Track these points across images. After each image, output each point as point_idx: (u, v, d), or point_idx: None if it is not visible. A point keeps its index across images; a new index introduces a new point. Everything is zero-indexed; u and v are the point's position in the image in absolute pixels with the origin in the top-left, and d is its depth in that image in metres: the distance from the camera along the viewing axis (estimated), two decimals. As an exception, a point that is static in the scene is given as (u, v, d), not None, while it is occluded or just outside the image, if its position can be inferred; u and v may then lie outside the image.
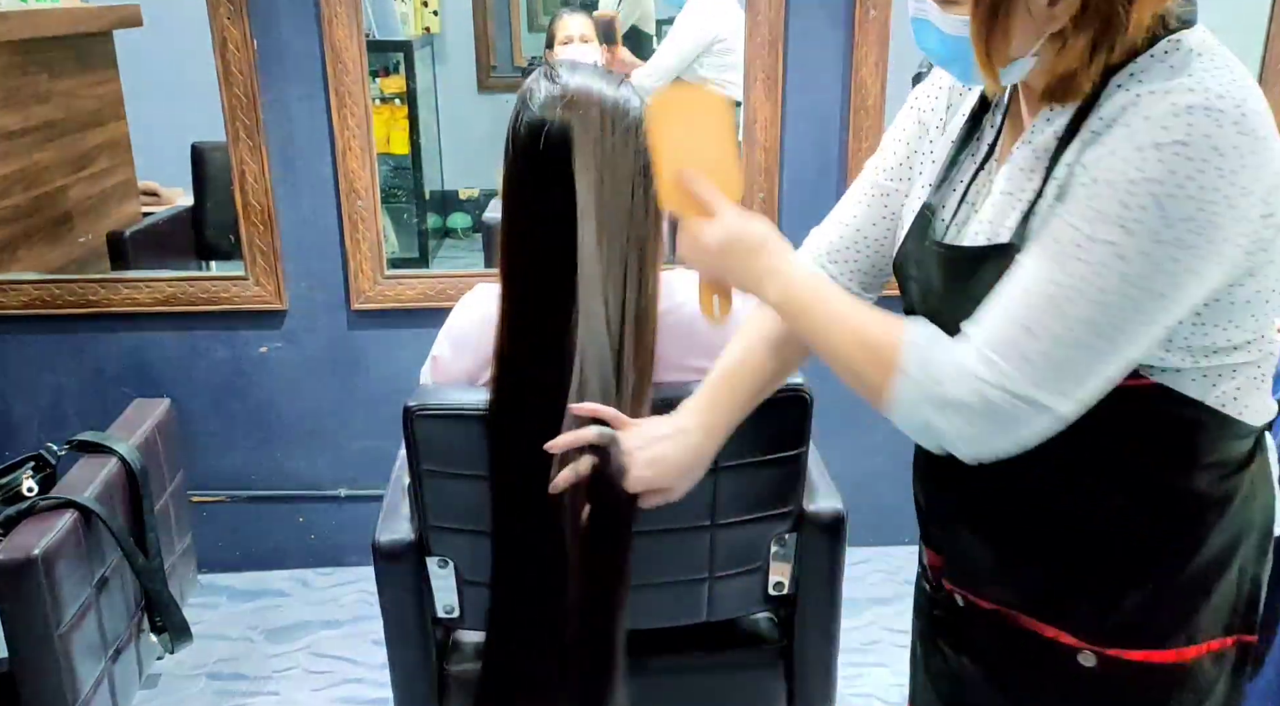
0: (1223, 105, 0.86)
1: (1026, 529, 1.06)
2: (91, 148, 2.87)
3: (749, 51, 2.40)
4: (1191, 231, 0.86)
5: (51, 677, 1.65)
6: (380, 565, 1.51)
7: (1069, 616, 1.04)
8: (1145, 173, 0.86)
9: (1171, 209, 0.86)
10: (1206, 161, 0.85)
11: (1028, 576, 1.07)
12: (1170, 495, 1.00)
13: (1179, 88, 0.87)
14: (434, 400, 1.40)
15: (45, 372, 2.57)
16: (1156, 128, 0.87)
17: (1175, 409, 0.96)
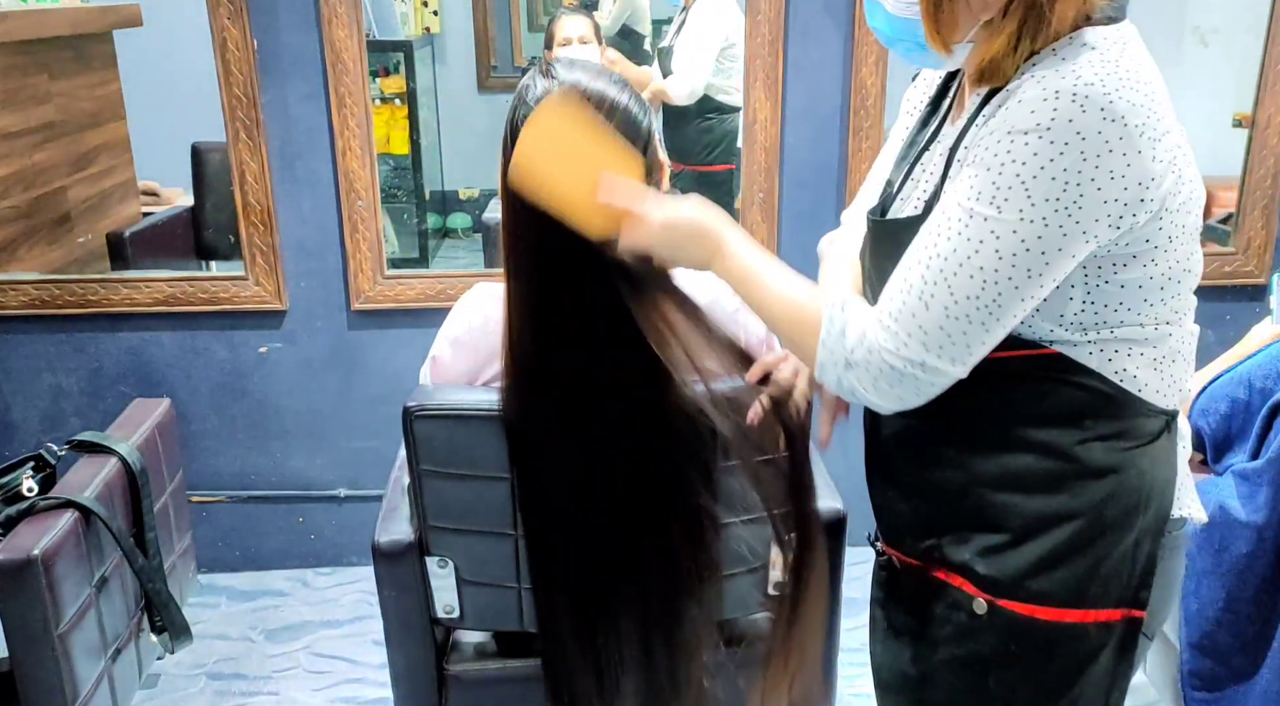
0: (1089, 92, 0.91)
1: (931, 482, 1.12)
2: (91, 148, 2.87)
3: (749, 51, 2.40)
4: (1056, 211, 0.92)
5: (51, 677, 1.65)
6: (380, 565, 1.51)
7: (969, 570, 1.10)
8: (1012, 155, 0.93)
9: (1035, 190, 0.92)
10: (1069, 145, 0.91)
11: (933, 527, 1.13)
12: (1063, 459, 1.05)
13: (1053, 75, 0.93)
14: (434, 400, 1.40)
15: (45, 373, 2.57)
16: (1025, 112, 0.93)
17: (1072, 376, 1.03)
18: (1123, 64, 0.94)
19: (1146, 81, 0.95)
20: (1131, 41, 0.99)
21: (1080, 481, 1.05)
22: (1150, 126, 0.93)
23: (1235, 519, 1.65)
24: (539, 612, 1.44)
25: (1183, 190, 0.99)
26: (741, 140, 2.51)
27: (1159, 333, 1.04)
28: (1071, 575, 1.06)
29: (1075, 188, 0.92)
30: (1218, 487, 1.71)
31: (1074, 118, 0.91)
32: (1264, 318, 2.06)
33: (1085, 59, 0.94)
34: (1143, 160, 0.93)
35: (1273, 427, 1.69)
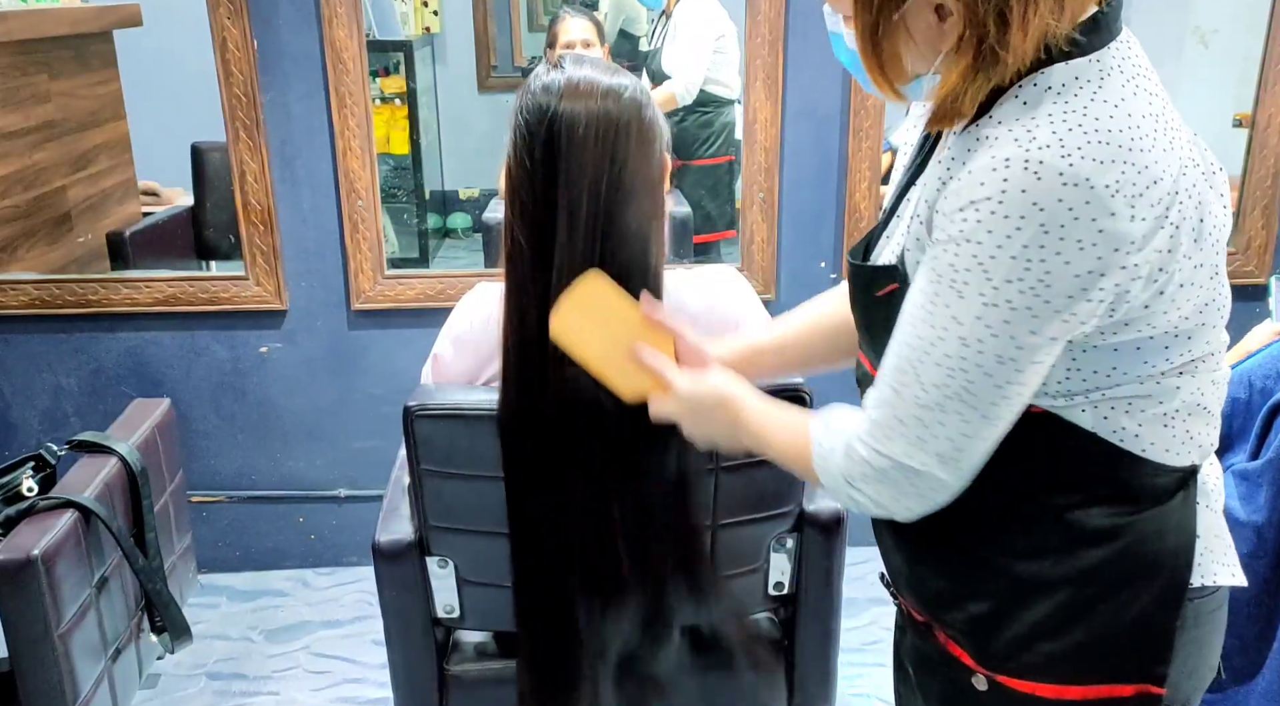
0: (1044, 156, 0.81)
1: (921, 538, 1.04)
2: (91, 148, 2.87)
3: (749, 51, 2.40)
4: (1021, 293, 0.83)
5: (51, 677, 1.65)
6: (380, 565, 1.51)
7: (965, 636, 1.03)
8: (965, 233, 0.83)
9: (994, 270, 0.83)
10: (1024, 218, 0.81)
11: (932, 588, 1.07)
12: (1051, 525, 0.96)
13: (1005, 138, 0.84)
14: (434, 400, 1.40)
15: (45, 372, 2.57)
16: (975, 183, 0.83)
17: (1063, 439, 0.94)
18: (1091, 112, 0.83)
19: (1121, 128, 0.83)
20: (1112, 73, 0.86)
21: (1074, 547, 0.96)
22: (1126, 182, 0.81)
23: (1235, 519, 1.65)
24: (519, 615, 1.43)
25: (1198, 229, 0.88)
26: (741, 138, 2.51)
27: (1163, 387, 0.93)
28: (1070, 647, 0.98)
29: (1039, 264, 0.81)
30: (1218, 487, 1.71)
31: (1028, 187, 0.81)
32: (1264, 318, 2.06)
33: (1045, 111, 0.84)
34: (1117, 222, 0.81)
35: (1272, 427, 1.69)
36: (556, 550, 1.38)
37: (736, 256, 2.59)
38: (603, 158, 1.25)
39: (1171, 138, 0.87)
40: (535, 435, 1.35)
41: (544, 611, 1.41)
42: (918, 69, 0.91)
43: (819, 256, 2.56)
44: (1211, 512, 1.01)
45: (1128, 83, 0.87)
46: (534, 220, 1.28)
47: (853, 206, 2.48)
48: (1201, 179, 0.90)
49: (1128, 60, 0.88)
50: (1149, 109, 0.86)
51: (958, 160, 0.88)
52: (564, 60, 1.30)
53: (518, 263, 1.31)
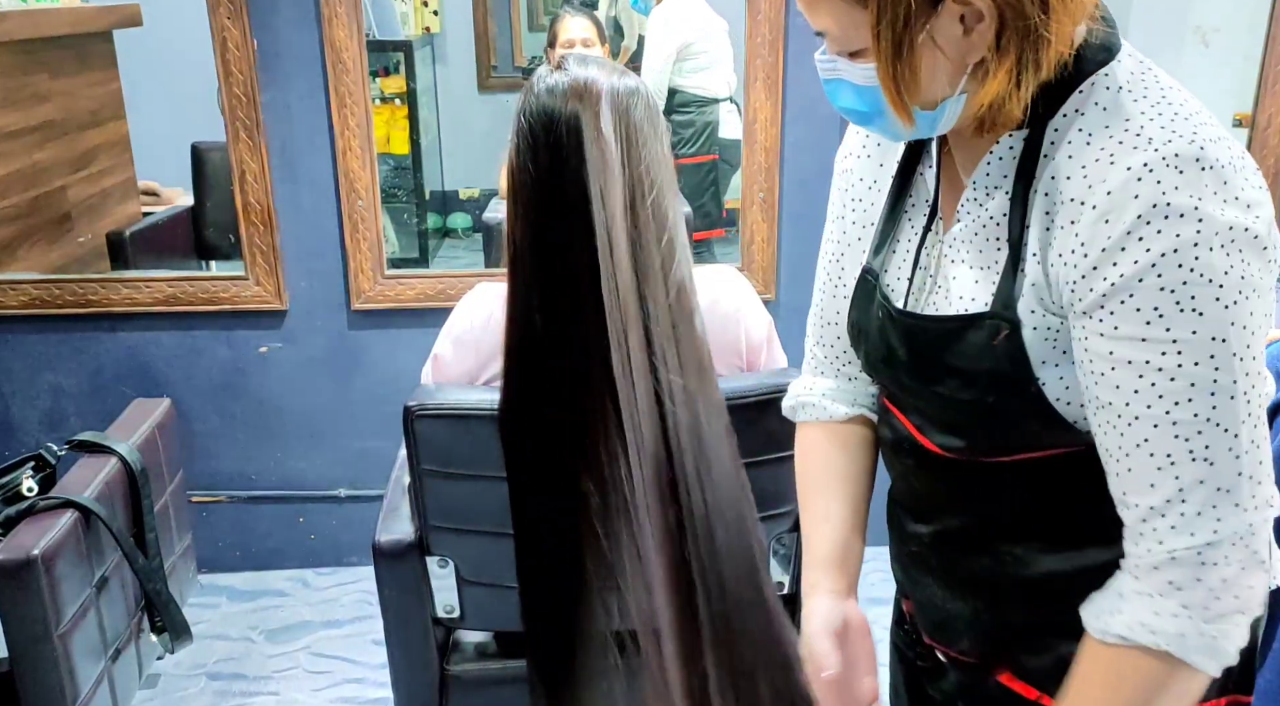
0: (1176, 148, 0.78)
1: (995, 582, 1.00)
2: (91, 148, 2.87)
3: (749, 51, 2.40)
4: (1244, 277, 0.78)
5: (51, 677, 1.65)
6: (380, 565, 1.51)
7: (1046, 674, 0.98)
8: (1151, 248, 0.78)
9: (1204, 265, 0.77)
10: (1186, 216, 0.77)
11: (1002, 629, 1.02)
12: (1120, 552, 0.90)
13: (1124, 147, 0.80)
14: (434, 400, 1.40)
15: (45, 372, 2.57)
16: (1128, 198, 0.78)
17: None
18: (1170, 98, 0.83)
19: (1196, 109, 0.83)
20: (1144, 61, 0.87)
21: None
22: (1234, 155, 0.80)
23: (1235, 519, 1.65)
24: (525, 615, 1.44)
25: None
26: (737, 138, 2.51)
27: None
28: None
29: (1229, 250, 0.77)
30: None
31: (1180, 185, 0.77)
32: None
33: (1138, 108, 0.82)
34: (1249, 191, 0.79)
35: (1273, 427, 1.68)
36: (560, 549, 1.38)
37: (734, 255, 2.60)
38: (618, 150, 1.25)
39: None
40: (537, 435, 1.35)
41: (549, 610, 1.41)
42: (940, 93, 0.86)
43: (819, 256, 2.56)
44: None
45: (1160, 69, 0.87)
46: (538, 221, 1.28)
47: (853, 206, 2.48)
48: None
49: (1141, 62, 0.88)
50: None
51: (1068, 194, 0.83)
52: (567, 61, 1.30)
53: (520, 263, 1.31)
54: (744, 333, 1.45)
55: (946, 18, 0.81)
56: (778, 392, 1.41)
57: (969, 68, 0.84)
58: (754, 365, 1.47)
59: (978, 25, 0.81)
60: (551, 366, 1.32)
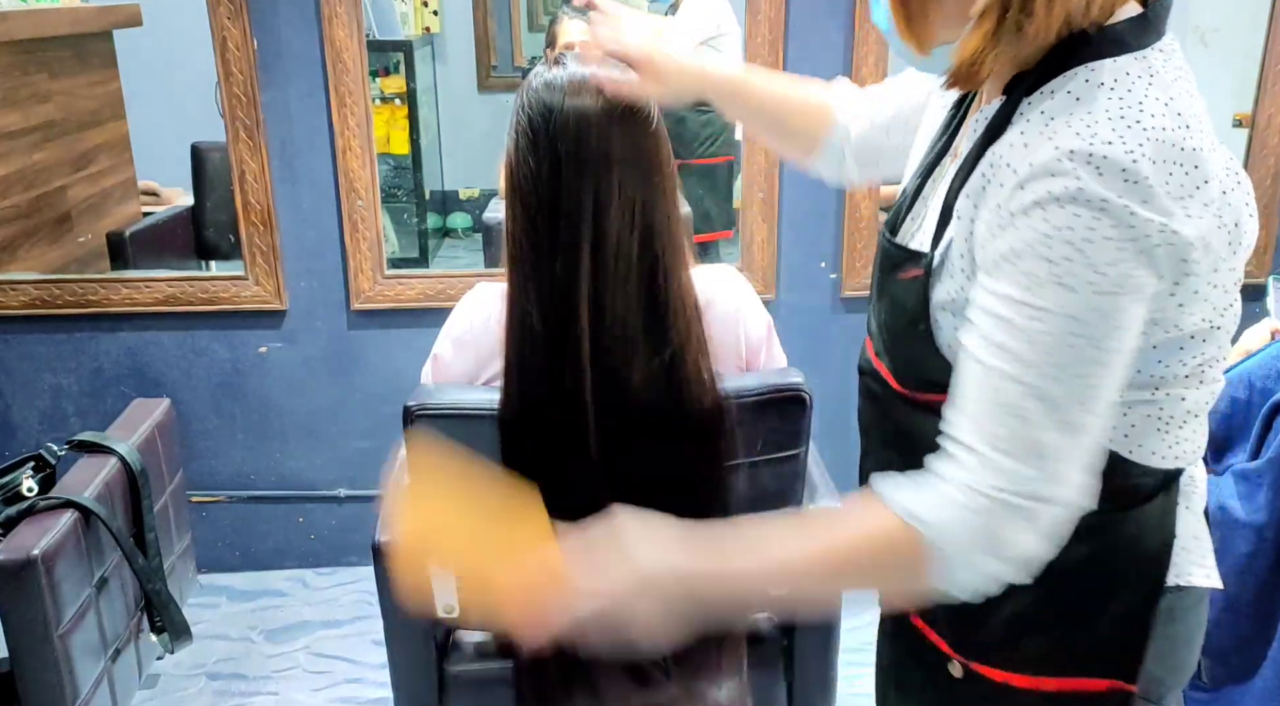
0: (1109, 152, 0.81)
1: None
2: (91, 148, 2.87)
3: (749, 51, 2.40)
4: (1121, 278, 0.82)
5: (51, 677, 1.65)
6: (380, 565, 1.51)
7: (943, 623, 1.04)
8: (1053, 223, 0.82)
9: (1093, 254, 0.81)
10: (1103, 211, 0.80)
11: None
12: None
13: (1065, 132, 0.83)
14: (434, 400, 1.40)
15: (45, 372, 2.57)
16: (1045, 175, 0.82)
17: None
18: (1146, 108, 0.83)
19: (1174, 127, 0.83)
20: (1158, 73, 0.86)
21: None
22: (1176, 182, 0.82)
23: (1235, 519, 1.65)
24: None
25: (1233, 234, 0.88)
26: (741, 138, 2.51)
27: (1171, 397, 0.93)
28: (1048, 641, 0.99)
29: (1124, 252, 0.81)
30: (1218, 487, 1.71)
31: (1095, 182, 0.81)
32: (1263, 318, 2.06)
33: (1101, 106, 0.84)
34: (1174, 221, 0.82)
35: (1273, 427, 1.68)
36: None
37: (736, 256, 2.60)
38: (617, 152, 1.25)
39: (1214, 141, 0.87)
40: (537, 434, 1.35)
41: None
42: (946, 36, 0.91)
43: (819, 256, 2.56)
44: (1191, 514, 1.01)
45: (1173, 83, 0.87)
46: (537, 218, 1.28)
47: (853, 206, 2.48)
48: (1235, 185, 0.90)
49: (1170, 62, 0.88)
50: (1194, 110, 0.86)
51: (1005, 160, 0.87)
52: (565, 57, 1.30)
53: (520, 261, 1.31)
54: (743, 332, 1.45)
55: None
56: (778, 392, 1.41)
57: (972, 20, 0.87)
58: (753, 365, 1.47)
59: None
60: (551, 365, 1.32)
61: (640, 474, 1.36)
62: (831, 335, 2.59)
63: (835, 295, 2.58)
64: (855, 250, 2.52)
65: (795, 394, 1.41)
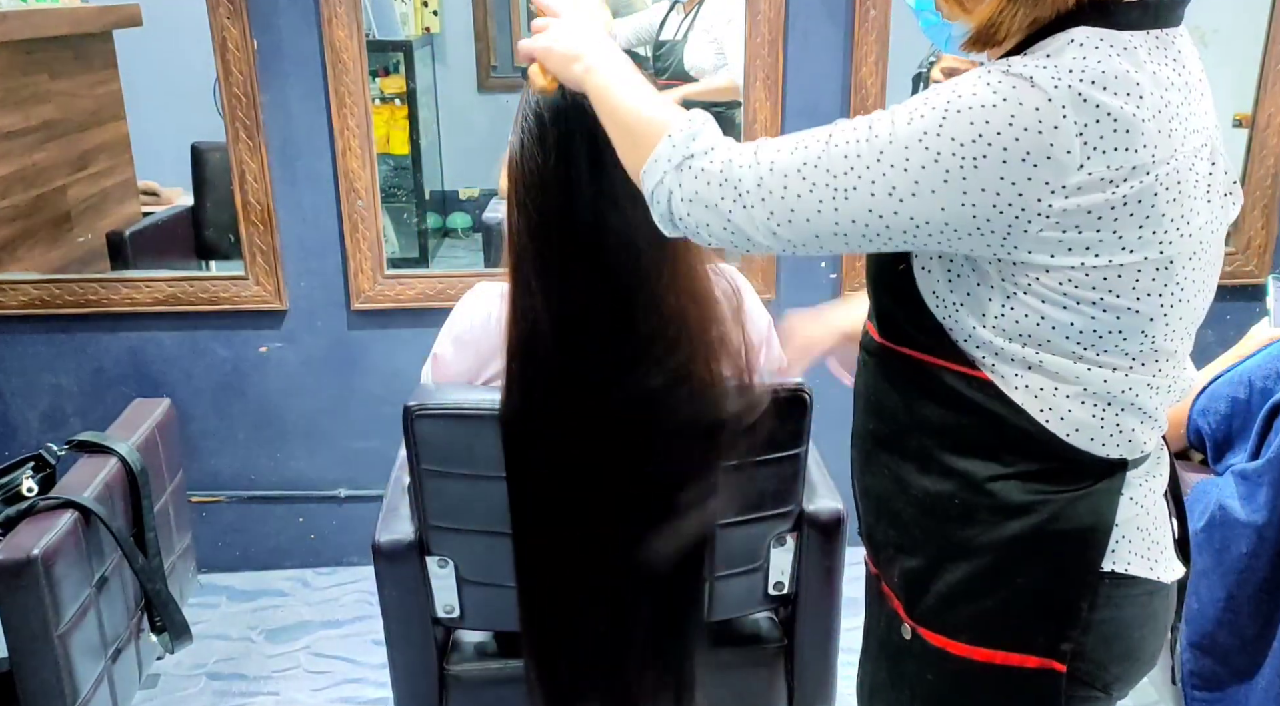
0: (1041, 77, 0.86)
1: (874, 488, 1.12)
2: (91, 148, 2.87)
3: (749, 51, 2.40)
4: (954, 154, 0.87)
5: (51, 677, 1.65)
6: (380, 565, 1.51)
7: (900, 588, 1.09)
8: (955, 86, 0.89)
9: (950, 121, 0.87)
10: (997, 107, 0.86)
11: (880, 540, 1.13)
12: (977, 491, 1.01)
13: (1018, 61, 0.89)
14: (434, 400, 1.40)
15: (45, 373, 2.57)
16: (989, 66, 0.89)
17: (997, 407, 0.98)
18: (1100, 66, 0.87)
19: (1118, 91, 0.87)
20: (1137, 49, 0.90)
21: (993, 516, 1.01)
22: (1093, 133, 0.86)
23: (1235, 519, 1.65)
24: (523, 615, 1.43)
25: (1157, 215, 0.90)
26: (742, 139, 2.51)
27: (1093, 374, 0.96)
28: (980, 611, 1.03)
29: (984, 146, 0.86)
30: (1218, 487, 1.71)
31: (1017, 86, 0.86)
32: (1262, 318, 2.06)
33: (1064, 54, 0.89)
34: (1062, 160, 0.86)
35: (1273, 427, 1.68)
36: (559, 549, 1.39)
37: (736, 256, 2.59)
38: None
39: (1173, 128, 0.90)
40: (538, 434, 1.35)
41: (548, 611, 1.41)
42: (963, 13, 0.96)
43: (819, 256, 2.56)
44: (1136, 505, 1.04)
45: (1151, 61, 0.90)
46: (542, 217, 1.28)
47: (853, 206, 2.48)
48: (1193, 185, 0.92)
49: (1164, 50, 0.92)
50: (1162, 93, 0.89)
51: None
52: None
53: (523, 260, 1.31)
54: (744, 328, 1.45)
55: None
56: (778, 392, 1.41)
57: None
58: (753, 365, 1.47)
59: None
60: (556, 364, 1.32)
61: (642, 472, 1.36)
62: (831, 335, 2.58)
63: (835, 295, 2.58)
64: (855, 250, 2.52)
65: (795, 394, 1.41)
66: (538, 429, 1.34)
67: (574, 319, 1.30)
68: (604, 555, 1.38)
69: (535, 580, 1.41)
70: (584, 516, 1.37)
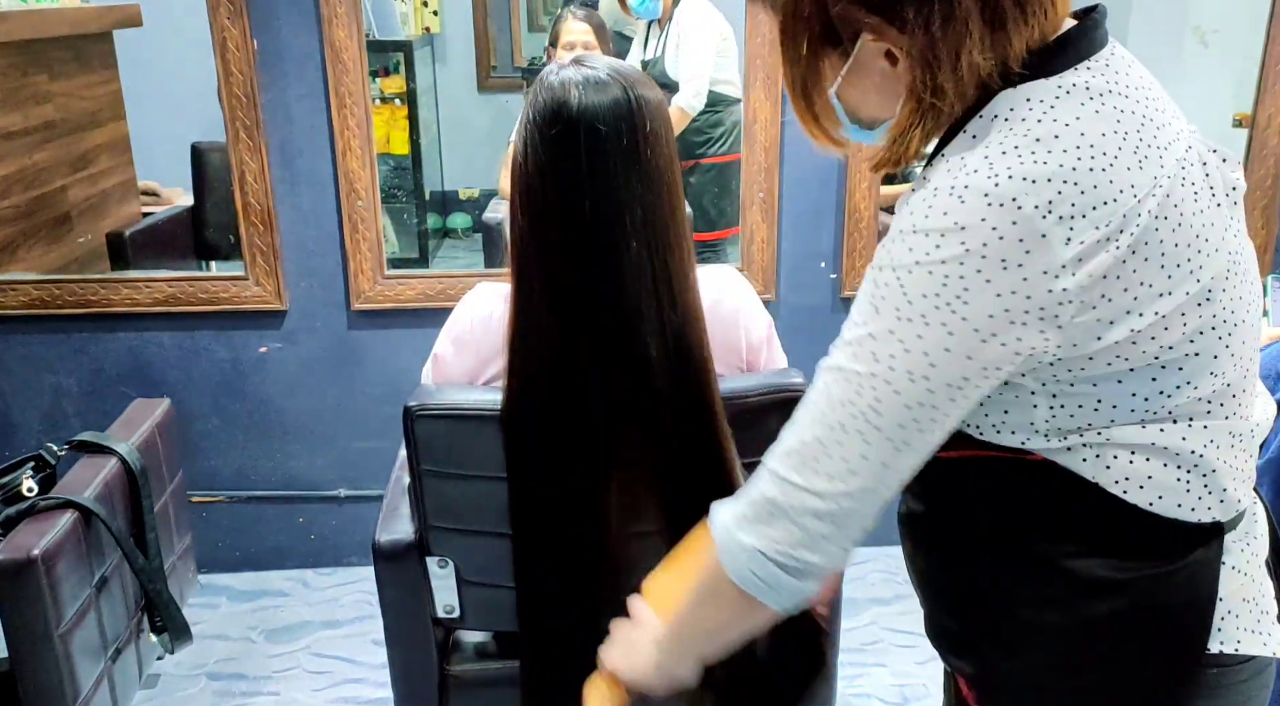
0: (970, 180, 0.80)
1: (944, 584, 1.04)
2: (91, 148, 2.87)
3: (749, 51, 2.40)
4: (937, 308, 0.80)
5: (51, 677, 1.65)
6: (380, 565, 1.51)
7: (974, 679, 1.02)
8: (890, 258, 0.83)
9: (910, 286, 0.81)
10: (945, 236, 0.79)
11: (947, 631, 1.05)
12: (1060, 574, 0.92)
13: (941, 171, 0.83)
14: (434, 400, 1.40)
15: (45, 373, 2.57)
16: (907, 214, 0.83)
17: (1064, 486, 0.89)
18: (1033, 133, 0.81)
19: (1066, 148, 0.80)
20: (1072, 92, 0.83)
21: (1077, 598, 0.91)
22: (1061, 202, 0.78)
23: (1235, 519, 1.65)
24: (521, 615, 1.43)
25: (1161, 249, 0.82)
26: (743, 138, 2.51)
27: (1167, 433, 0.87)
28: (1073, 700, 0.95)
29: (958, 281, 0.79)
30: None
31: (950, 210, 0.79)
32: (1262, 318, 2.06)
33: (989, 140, 0.83)
34: (1048, 244, 0.78)
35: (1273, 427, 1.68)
36: (559, 549, 1.39)
37: (736, 256, 2.60)
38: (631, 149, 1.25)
39: (1145, 156, 0.82)
40: (538, 435, 1.35)
41: (546, 611, 1.41)
42: (883, 114, 0.92)
43: (819, 256, 2.56)
44: (1239, 574, 0.93)
45: (1091, 100, 0.83)
46: (543, 214, 1.28)
47: (853, 206, 2.48)
48: (1194, 199, 0.85)
49: (1101, 77, 0.85)
50: (1114, 127, 0.82)
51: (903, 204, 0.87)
52: (584, 57, 1.31)
53: (525, 260, 1.31)
54: (744, 333, 1.45)
55: (872, 54, 0.87)
56: (778, 393, 1.41)
57: (900, 95, 0.88)
58: (754, 365, 1.47)
59: (900, 63, 0.86)
60: (558, 366, 1.32)
61: (643, 475, 1.36)
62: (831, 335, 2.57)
63: (835, 295, 2.58)
64: (855, 250, 2.53)
65: (795, 394, 1.41)
66: (538, 429, 1.34)
67: (575, 320, 1.30)
68: (604, 556, 1.38)
69: (534, 580, 1.41)
70: (584, 517, 1.36)
